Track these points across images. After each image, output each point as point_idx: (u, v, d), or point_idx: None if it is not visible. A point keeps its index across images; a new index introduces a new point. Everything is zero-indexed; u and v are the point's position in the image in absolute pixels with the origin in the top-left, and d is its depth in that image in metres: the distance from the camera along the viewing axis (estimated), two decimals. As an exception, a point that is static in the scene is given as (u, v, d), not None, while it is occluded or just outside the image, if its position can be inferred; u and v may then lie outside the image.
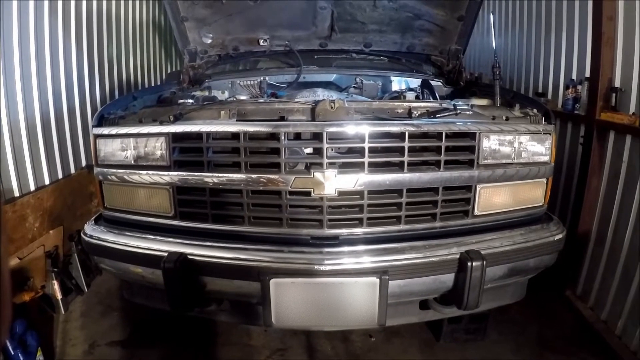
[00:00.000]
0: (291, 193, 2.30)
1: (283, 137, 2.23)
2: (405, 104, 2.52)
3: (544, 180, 2.60)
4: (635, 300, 3.15)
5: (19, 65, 3.63)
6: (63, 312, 3.78)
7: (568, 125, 4.20)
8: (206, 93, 3.57)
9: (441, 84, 3.86)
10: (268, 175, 2.28)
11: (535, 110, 2.62)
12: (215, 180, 2.34)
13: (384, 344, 3.41)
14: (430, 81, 3.72)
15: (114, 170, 2.53)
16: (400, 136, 2.29)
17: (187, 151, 2.42)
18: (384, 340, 3.45)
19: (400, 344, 3.41)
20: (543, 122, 2.57)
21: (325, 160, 2.23)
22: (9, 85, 3.54)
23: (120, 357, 3.31)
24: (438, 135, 2.33)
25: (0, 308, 0.96)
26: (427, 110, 2.47)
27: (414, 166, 2.34)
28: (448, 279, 2.38)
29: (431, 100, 3.31)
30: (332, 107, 2.30)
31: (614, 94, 3.44)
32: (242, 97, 3.30)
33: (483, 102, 2.88)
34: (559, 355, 3.31)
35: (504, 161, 2.45)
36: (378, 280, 2.24)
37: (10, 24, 3.54)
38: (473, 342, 3.37)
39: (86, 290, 4.11)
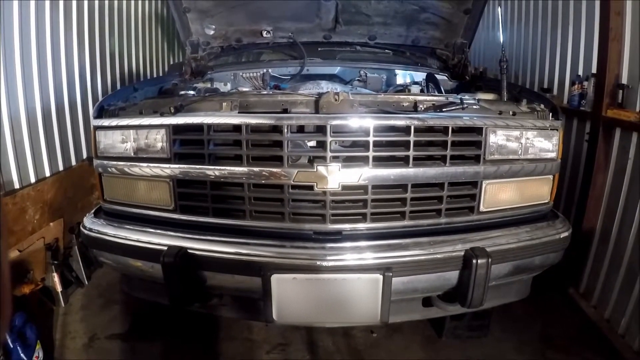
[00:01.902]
0: (294, 187, 2.27)
1: (286, 130, 2.19)
2: (411, 98, 2.48)
3: (551, 177, 2.56)
4: (639, 299, 3.12)
5: (20, 58, 3.60)
6: (63, 304, 3.77)
7: (574, 122, 4.16)
8: (208, 85, 3.53)
9: (446, 78, 3.82)
10: (270, 169, 2.24)
11: (542, 106, 2.58)
12: (217, 173, 2.29)
13: (386, 340, 3.38)
14: (436, 75, 3.67)
15: (114, 162, 2.50)
16: (405, 130, 2.25)
17: (187, 143, 2.38)
18: (386, 336, 3.42)
19: (401, 340, 3.38)
20: (550, 118, 2.53)
21: (329, 154, 2.18)
22: (9, 78, 3.50)
23: (120, 351, 3.29)
24: (444, 130, 2.29)
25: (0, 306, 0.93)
26: (433, 104, 2.43)
27: (419, 161, 2.30)
28: (452, 276, 2.34)
29: (437, 94, 3.27)
30: (336, 100, 2.25)
31: (620, 91, 3.41)
32: (245, 89, 3.26)
33: (489, 96, 2.84)
34: (562, 353, 3.29)
35: (510, 157, 2.42)
36: (381, 277, 2.21)
37: (11, 18, 3.50)
38: (475, 339, 3.34)
39: (86, 282, 4.09)
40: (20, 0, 3.59)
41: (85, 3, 4.64)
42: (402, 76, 3.98)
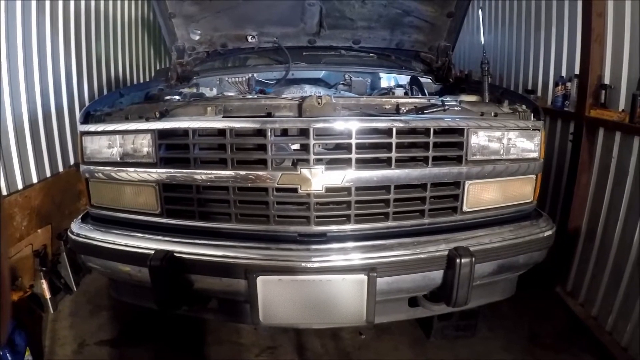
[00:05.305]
0: (278, 190, 2.28)
1: (269, 134, 2.21)
2: (393, 100, 2.51)
3: (533, 176, 2.59)
4: (625, 296, 3.16)
5: (6, 64, 3.59)
6: (52, 311, 3.75)
7: (558, 122, 4.21)
8: (194, 90, 3.54)
9: (430, 81, 3.85)
10: (255, 172, 2.26)
11: (524, 107, 2.61)
12: (202, 177, 2.31)
13: (374, 341, 3.40)
14: (419, 78, 3.70)
15: (101, 167, 2.50)
16: (387, 132, 2.27)
17: (173, 148, 2.39)
18: (374, 337, 3.44)
19: (390, 341, 3.40)
20: (532, 118, 2.56)
21: (312, 157, 2.21)
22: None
23: (110, 357, 3.29)
24: (426, 131, 2.31)
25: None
26: (415, 106, 2.46)
27: (402, 162, 2.33)
28: (437, 275, 2.37)
29: (419, 96, 3.30)
30: (319, 103, 2.28)
31: (603, 91, 3.45)
32: (230, 94, 3.28)
33: (471, 98, 2.87)
34: (550, 351, 3.32)
35: (492, 157, 2.44)
36: (366, 277, 2.22)
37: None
38: (463, 338, 3.36)
39: (75, 289, 4.08)
40: (7, 1, 3.58)
41: (72, 6, 4.64)
42: (387, 79, 4.00)
